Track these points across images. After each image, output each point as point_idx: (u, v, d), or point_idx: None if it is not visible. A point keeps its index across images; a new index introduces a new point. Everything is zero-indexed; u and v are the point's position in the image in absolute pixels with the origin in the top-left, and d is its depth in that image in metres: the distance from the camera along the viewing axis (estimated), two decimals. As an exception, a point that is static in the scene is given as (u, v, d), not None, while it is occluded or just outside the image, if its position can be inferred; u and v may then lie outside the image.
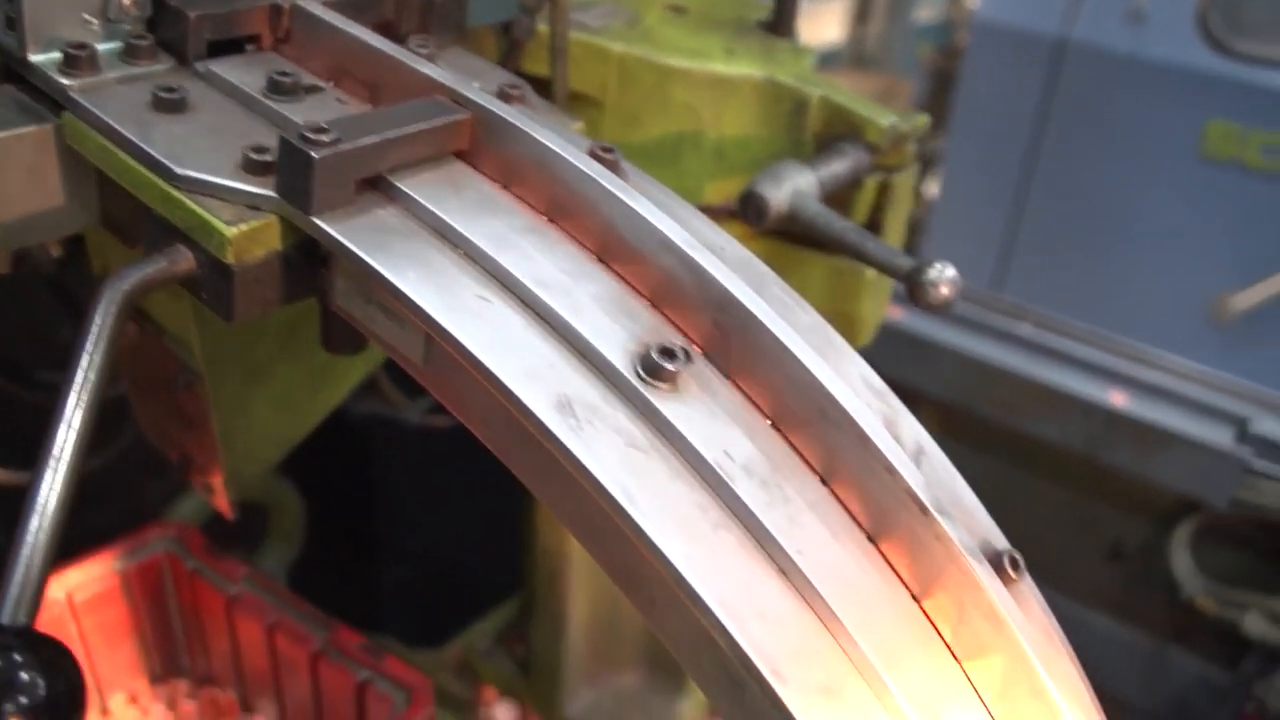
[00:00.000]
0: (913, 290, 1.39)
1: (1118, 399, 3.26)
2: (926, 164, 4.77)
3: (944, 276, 1.36)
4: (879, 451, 0.93)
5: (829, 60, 6.16)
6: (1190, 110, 4.11)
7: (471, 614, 2.99)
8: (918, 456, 1.05)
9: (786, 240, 1.66)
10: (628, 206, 1.01)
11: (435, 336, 0.96)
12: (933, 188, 5.09)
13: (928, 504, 0.92)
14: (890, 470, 0.93)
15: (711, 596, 0.85)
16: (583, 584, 2.56)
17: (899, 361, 3.38)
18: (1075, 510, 3.59)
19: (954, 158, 4.83)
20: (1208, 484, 3.19)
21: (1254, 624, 3.19)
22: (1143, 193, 4.33)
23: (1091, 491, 3.52)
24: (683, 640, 0.92)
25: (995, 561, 0.99)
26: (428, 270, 0.99)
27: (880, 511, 0.96)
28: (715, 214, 1.23)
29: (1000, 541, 1.05)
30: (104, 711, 2.07)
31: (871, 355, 1.16)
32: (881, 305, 1.75)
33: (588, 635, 2.70)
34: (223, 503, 1.66)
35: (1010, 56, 4.46)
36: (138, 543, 2.05)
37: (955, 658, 0.96)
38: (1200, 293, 4.23)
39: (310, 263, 1.08)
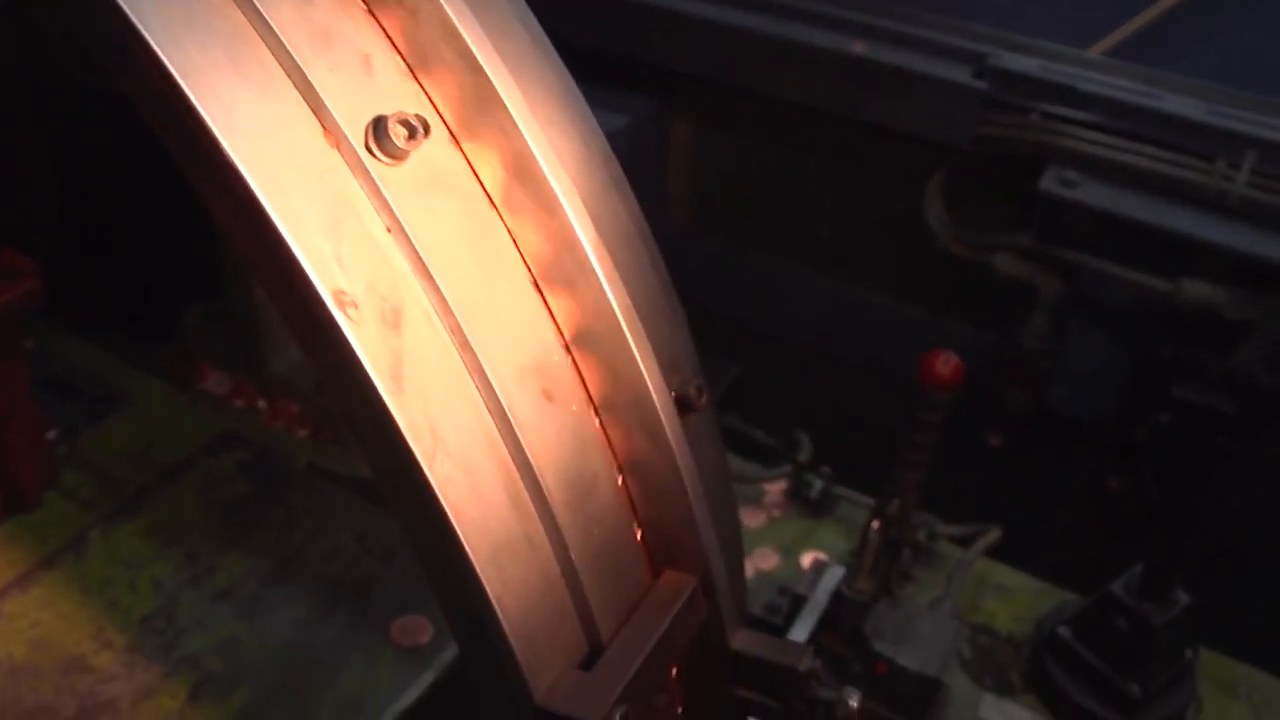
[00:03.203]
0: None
1: (859, 46, 3.17)
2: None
3: None
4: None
5: None
6: None
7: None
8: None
9: None
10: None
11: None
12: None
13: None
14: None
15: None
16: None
17: (650, 39, 3.28)
18: (842, 183, 3.52)
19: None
20: (952, 124, 3.11)
21: (1004, 263, 3.14)
22: None
23: (854, 159, 3.45)
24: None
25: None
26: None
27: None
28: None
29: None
30: None
31: (622, 37, 1.08)
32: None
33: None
34: None
35: None
36: None
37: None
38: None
39: None
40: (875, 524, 2.03)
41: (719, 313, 3.41)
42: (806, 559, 2.31)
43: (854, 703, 1.17)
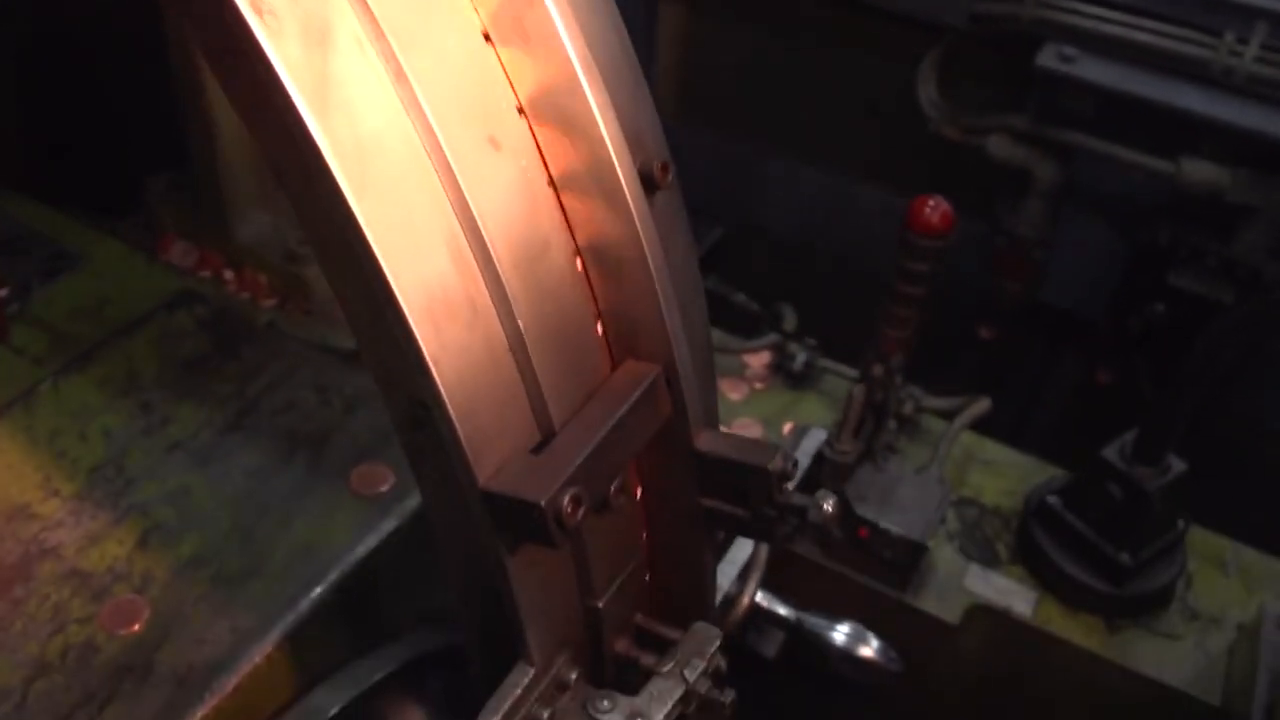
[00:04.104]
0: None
1: (851, -80, 3.06)
2: None
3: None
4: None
5: None
6: None
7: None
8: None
9: None
10: None
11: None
12: None
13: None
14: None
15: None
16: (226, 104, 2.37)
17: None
18: (832, 68, 3.42)
19: None
20: (946, 1, 3.01)
21: (998, 146, 3.05)
22: None
23: (845, 42, 3.35)
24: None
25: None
26: None
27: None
28: None
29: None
30: None
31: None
32: None
33: (244, 150, 2.49)
34: None
35: None
36: None
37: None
38: None
39: None
40: (860, 384, 1.95)
41: (703, 209, 3.32)
42: (789, 430, 2.24)
43: (828, 506, 1.09)
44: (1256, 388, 3.22)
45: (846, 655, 1.71)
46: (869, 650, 1.72)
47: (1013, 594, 1.99)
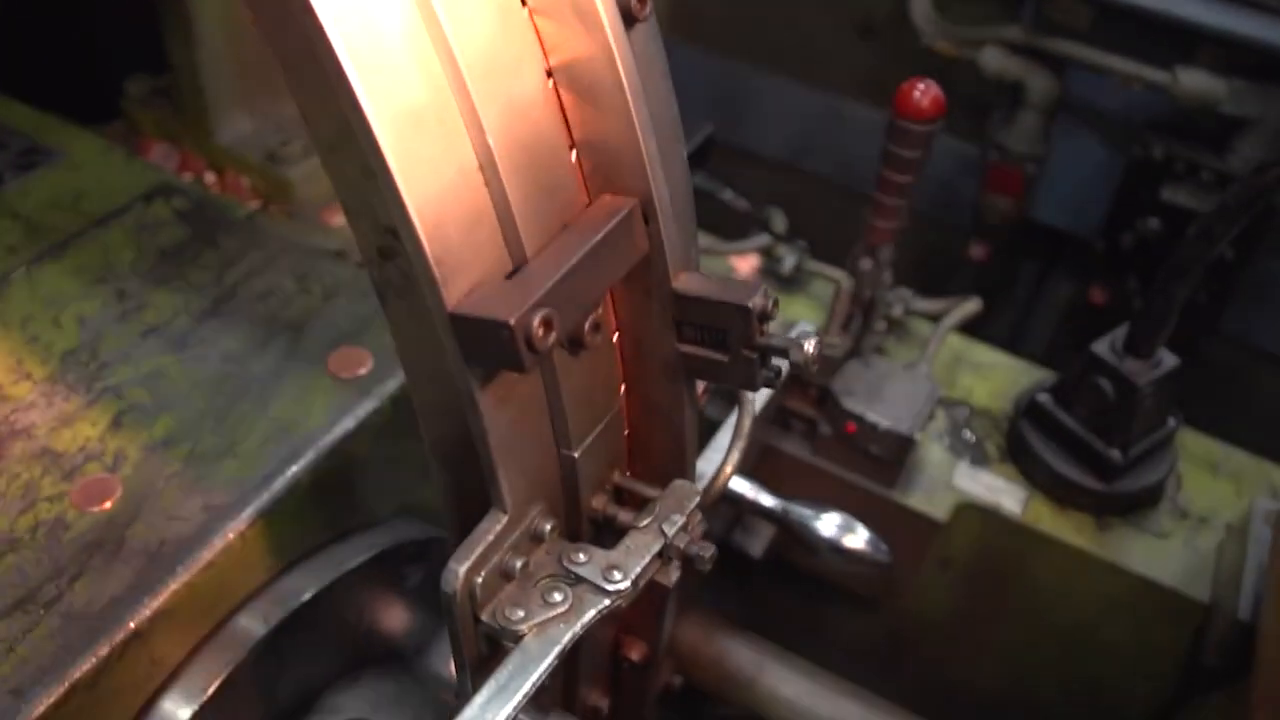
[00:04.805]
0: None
1: None
2: None
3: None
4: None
5: None
6: None
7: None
8: None
9: None
10: None
11: None
12: None
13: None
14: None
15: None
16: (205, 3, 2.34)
17: None
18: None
19: None
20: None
21: (991, 59, 3.00)
22: None
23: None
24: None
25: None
26: None
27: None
28: None
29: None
30: None
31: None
32: None
33: (225, 50, 2.45)
34: None
35: None
36: None
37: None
38: None
39: None
40: (848, 277, 1.92)
41: (687, 131, 3.26)
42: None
43: (809, 346, 1.06)
44: (1246, 308, 3.20)
45: (834, 546, 1.68)
46: (857, 540, 1.69)
47: (1002, 492, 1.97)
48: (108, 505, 1.50)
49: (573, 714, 1.51)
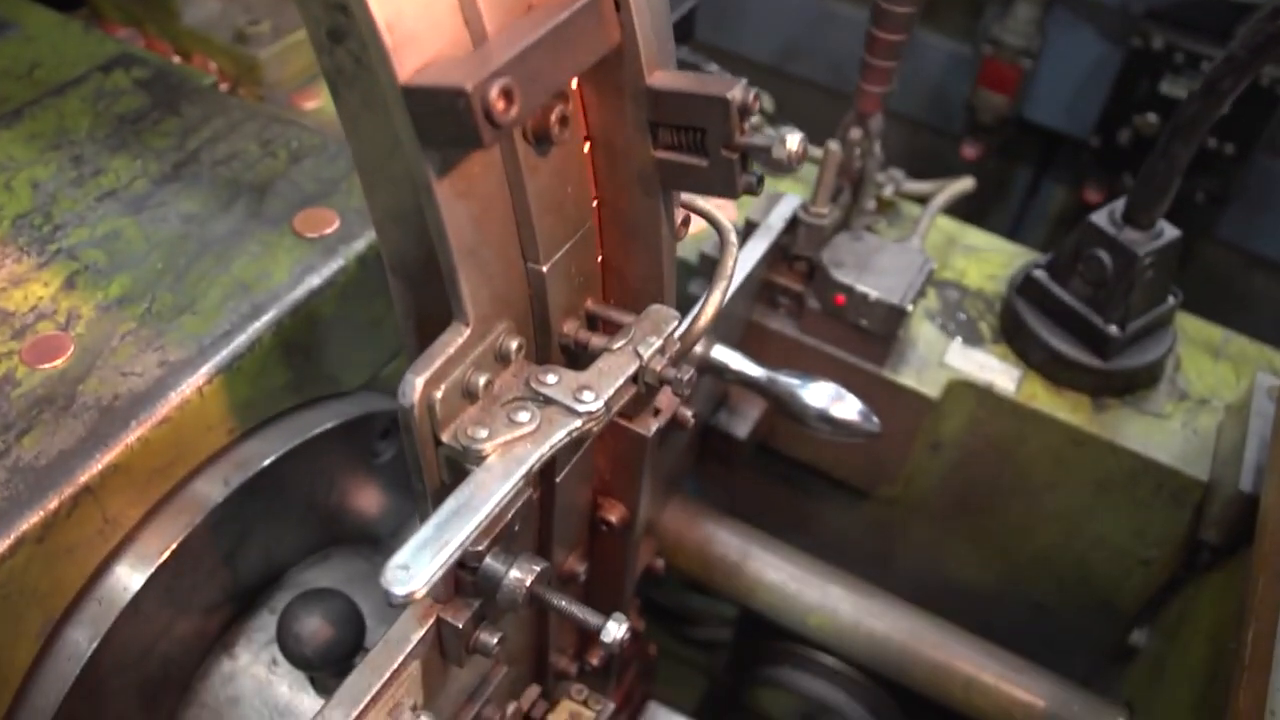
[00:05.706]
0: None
1: None
2: None
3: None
4: None
5: None
6: None
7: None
8: None
9: None
10: None
11: None
12: None
13: None
14: None
15: None
16: None
17: None
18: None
19: None
20: None
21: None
22: None
23: None
24: None
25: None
26: None
27: None
28: None
29: None
30: None
31: None
32: None
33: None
34: None
35: None
36: None
37: None
38: None
39: None
40: (836, 142, 1.84)
41: (675, 25, 3.17)
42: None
43: (792, 143, 0.99)
44: (1244, 212, 3.13)
45: (823, 415, 1.61)
46: (847, 410, 1.62)
47: (996, 371, 1.90)
48: (59, 362, 1.43)
49: None
